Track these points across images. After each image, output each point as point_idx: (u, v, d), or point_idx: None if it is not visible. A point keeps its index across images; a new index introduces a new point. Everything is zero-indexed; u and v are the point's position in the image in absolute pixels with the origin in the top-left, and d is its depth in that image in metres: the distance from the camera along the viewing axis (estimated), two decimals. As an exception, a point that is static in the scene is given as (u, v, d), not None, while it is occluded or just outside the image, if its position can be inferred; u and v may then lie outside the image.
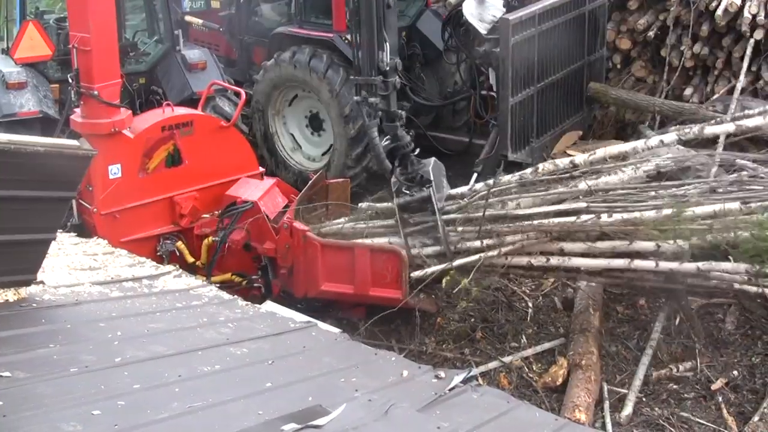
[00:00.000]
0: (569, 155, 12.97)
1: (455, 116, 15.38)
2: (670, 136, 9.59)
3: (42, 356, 5.62)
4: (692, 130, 9.42)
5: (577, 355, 9.47)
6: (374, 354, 6.99)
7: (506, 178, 10.05)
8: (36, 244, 6.54)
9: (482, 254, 9.42)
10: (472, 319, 10.35)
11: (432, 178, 9.95)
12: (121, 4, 12.01)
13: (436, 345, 10.32)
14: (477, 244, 9.55)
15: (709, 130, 9.44)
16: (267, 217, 10.46)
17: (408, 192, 10.03)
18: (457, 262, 9.49)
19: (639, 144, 9.76)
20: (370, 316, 10.69)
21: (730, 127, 9.50)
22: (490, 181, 9.99)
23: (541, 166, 9.99)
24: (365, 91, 10.03)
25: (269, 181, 11.22)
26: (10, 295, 6.45)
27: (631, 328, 10.16)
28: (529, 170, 10.05)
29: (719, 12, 12.75)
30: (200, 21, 16.74)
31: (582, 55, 13.66)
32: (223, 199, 10.87)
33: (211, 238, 10.76)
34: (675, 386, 9.35)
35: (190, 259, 10.78)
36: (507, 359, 9.92)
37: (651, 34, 13.74)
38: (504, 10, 13.21)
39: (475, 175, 12.97)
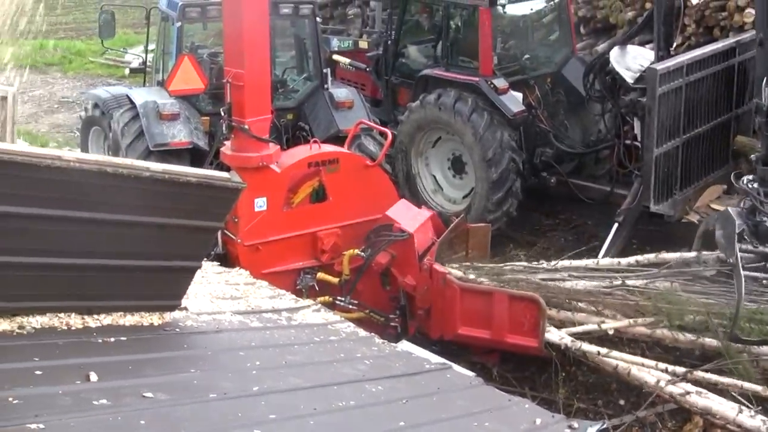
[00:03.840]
0: (713, 209, 12.78)
1: (598, 164, 15.30)
2: None
3: (183, 380, 5.72)
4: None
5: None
6: (508, 400, 6.94)
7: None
8: (182, 271, 6.68)
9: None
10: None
11: None
12: (271, 42, 12.26)
13: (569, 394, 10.20)
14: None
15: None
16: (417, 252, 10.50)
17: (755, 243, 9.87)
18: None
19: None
20: (504, 361, 10.65)
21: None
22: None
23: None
24: None
25: (426, 213, 11.27)
26: (155, 318, 6.59)
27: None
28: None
29: None
30: (347, 60, 16.97)
31: (730, 107, 13.43)
32: (381, 218, 10.96)
33: (355, 251, 10.85)
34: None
35: (334, 280, 10.88)
36: (641, 413, 9.74)
37: (803, 88, 13.42)
38: (651, 59, 13.09)
39: (616, 225, 12.83)
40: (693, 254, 10.59)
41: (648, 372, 9.38)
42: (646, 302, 9.87)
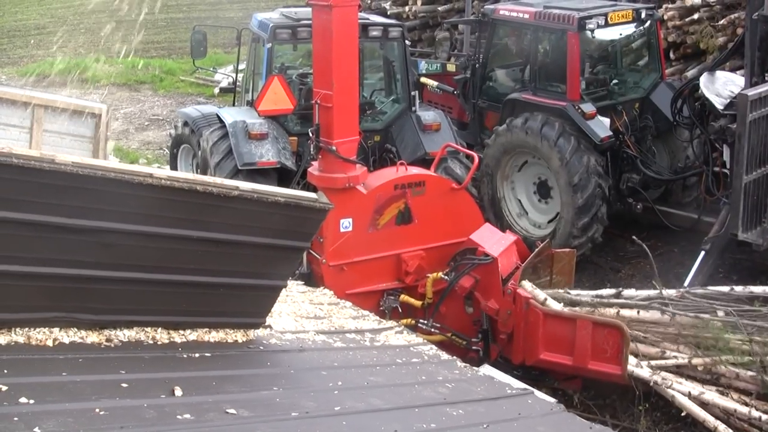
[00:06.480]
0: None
1: (685, 191, 15.12)
2: None
3: (265, 398, 5.77)
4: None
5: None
6: (589, 428, 6.88)
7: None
8: (268, 289, 6.75)
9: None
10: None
11: None
12: (360, 64, 12.31)
13: (651, 424, 10.07)
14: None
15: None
16: (500, 276, 10.49)
17: None
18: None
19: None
20: (585, 388, 10.55)
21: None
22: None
23: None
24: None
25: (510, 238, 11.26)
26: (239, 336, 6.66)
27: None
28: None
29: None
30: (435, 83, 17.01)
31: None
32: (465, 242, 10.95)
33: (439, 274, 10.86)
34: None
35: (417, 302, 10.91)
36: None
37: None
38: (742, 85, 12.93)
39: (702, 253, 12.67)
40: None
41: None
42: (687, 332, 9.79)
